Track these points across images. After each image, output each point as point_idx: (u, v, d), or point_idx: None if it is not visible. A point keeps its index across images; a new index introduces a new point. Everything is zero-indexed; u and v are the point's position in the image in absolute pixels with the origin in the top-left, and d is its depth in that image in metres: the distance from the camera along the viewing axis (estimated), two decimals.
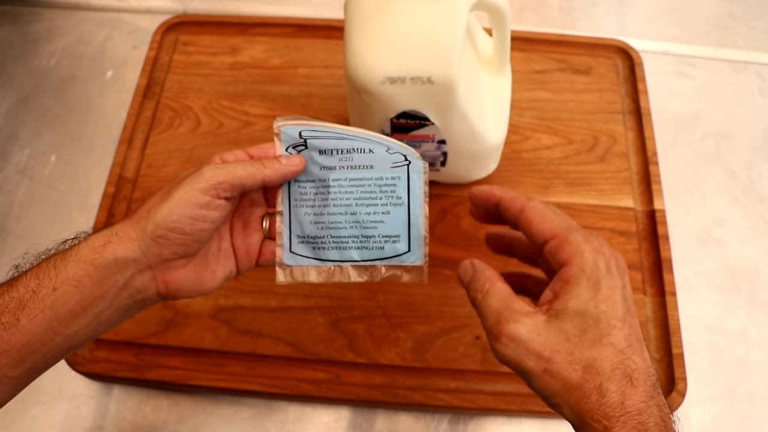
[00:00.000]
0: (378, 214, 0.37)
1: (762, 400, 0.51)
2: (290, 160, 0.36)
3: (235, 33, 0.68)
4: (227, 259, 0.38)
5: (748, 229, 0.58)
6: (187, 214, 0.33)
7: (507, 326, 0.30)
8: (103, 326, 0.34)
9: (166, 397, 0.50)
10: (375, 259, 0.37)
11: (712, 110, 0.65)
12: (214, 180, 0.34)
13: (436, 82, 0.44)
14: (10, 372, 0.31)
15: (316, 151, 0.37)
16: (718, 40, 0.70)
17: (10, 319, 0.31)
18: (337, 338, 0.51)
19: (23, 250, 0.56)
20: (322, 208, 0.37)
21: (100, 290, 0.33)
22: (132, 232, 0.33)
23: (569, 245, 0.31)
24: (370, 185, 0.37)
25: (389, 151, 0.37)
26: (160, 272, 0.34)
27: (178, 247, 0.34)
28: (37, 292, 0.32)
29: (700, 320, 0.54)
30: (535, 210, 0.33)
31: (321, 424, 0.49)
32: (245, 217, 0.39)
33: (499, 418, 0.50)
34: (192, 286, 0.36)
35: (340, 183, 0.37)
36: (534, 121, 0.62)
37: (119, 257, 0.33)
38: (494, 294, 0.32)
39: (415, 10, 0.43)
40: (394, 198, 0.37)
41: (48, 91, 0.67)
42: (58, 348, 0.33)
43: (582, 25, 0.71)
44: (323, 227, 0.37)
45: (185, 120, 0.62)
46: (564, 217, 0.34)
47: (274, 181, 0.36)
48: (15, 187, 0.60)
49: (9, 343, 0.31)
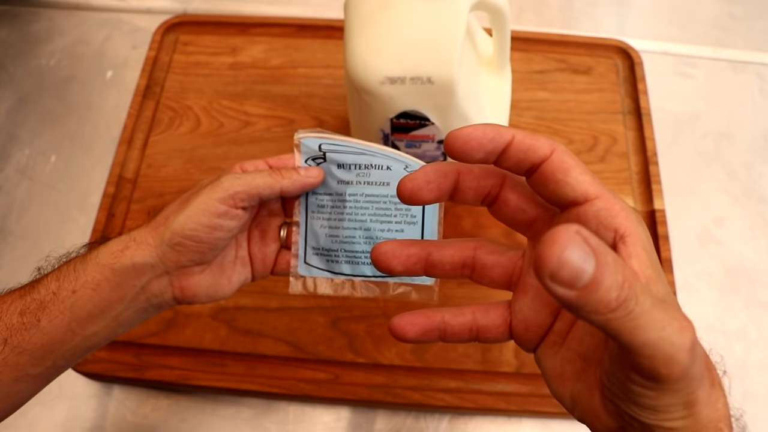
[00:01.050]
0: (392, 231, 0.37)
1: (762, 400, 0.51)
2: (309, 172, 0.36)
3: (235, 33, 0.68)
4: (243, 266, 0.38)
5: (748, 229, 0.58)
6: (205, 222, 0.34)
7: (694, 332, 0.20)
8: (121, 327, 0.35)
9: (166, 397, 0.50)
10: (386, 276, 0.37)
11: (712, 110, 0.65)
12: (232, 190, 0.34)
13: (436, 82, 0.44)
14: (31, 370, 0.32)
15: (335, 165, 0.37)
16: (718, 40, 0.70)
17: (32, 319, 0.32)
18: (337, 338, 0.51)
19: (23, 250, 0.57)
20: (337, 222, 0.37)
21: (117, 294, 0.34)
22: (150, 239, 0.34)
23: (624, 212, 0.23)
24: (386, 202, 0.37)
25: (407, 169, 0.37)
26: (176, 278, 0.35)
27: (195, 255, 0.34)
28: (58, 294, 0.33)
29: (700, 320, 0.54)
30: (571, 156, 0.24)
31: (321, 424, 0.49)
32: (263, 226, 0.39)
33: (499, 417, 0.50)
34: (207, 292, 0.36)
35: (356, 198, 0.37)
36: (534, 121, 0.62)
37: (137, 262, 0.34)
38: (646, 291, 0.19)
39: (415, 10, 0.43)
40: (408, 216, 0.37)
41: (48, 91, 0.67)
42: (77, 348, 0.33)
43: (582, 25, 0.71)
44: (337, 241, 0.38)
45: (185, 120, 0.62)
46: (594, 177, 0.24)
47: (292, 192, 0.36)
48: (15, 187, 0.60)
49: (30, 342, 0.32)
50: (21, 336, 0.32)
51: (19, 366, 0.32)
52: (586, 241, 0.18)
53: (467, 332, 0.28)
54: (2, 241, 0.57)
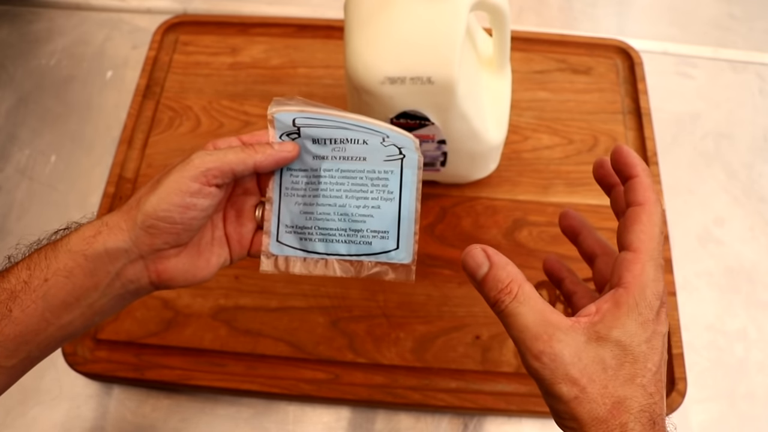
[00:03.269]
0: (368, 208, 0.36)
1: (762, 400, 0.51)
2: (283, 146, 0.36)
3: (235, 33, 0.68)
4: (221, 247, 0.37)
5: (747, 229, 0.58)
6: (177, 202, 0.33)
7: (550, 345, 0.28)
8: (97, 315, 0.34)
9: (166, 397, 0.50)
10: (361, 255, 0.36)
11: (712, 110, 0.65)
12: (204, 167, 0.33)
13: (436, 82, 0.44)
14: (5, 362, 0.31)
15: (310, 140, 0.36)
16: (718, 40, 0.70)
17: (3, 310, 0.31)
18: (337, 338, 0.51)
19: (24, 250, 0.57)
20: (311, 198, 0.36)
21: (91, 281, 0.32)
22: (122, 223, 0.33)
23: (641, 271, 0.29)
24: (362, 178, 0.36)
25: (384, 143, 0.36)
26: (152, 262, 0.34)
27: (169, 236, 0.33)
28: (29, 283, 0.31)
29: (700, 320, 0.54)
30: (650, 214, 0.30)
31: (321, 423, 0.49)
32: (238, 205, 0.38)
33: (498, 417, 0.50)
34: (185, 276, 0.35)
35: (331, 174, 0.36)
36: (534, 121, 0.62)
37: (110, 248, 0.32)
38: (527, 301, 0.29)
39: (415, 10, 0.43)
40: (385, 192, 0.36)
41: (48, 91, 0.67)
42: (52, 338, 0.32)
43: (582, 25, 0.71)
44: (311, 218, 0.36)
45: (185, 120, 0.62)
46: (659, 242, 0.30)
47: (266, 167, 0.35)
48: (15, 187, 0.61)
49: (2, 333, 0.31)
50: None
51: None
52: (485, 253, 0.31)
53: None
54: (2, 240, 0.57)
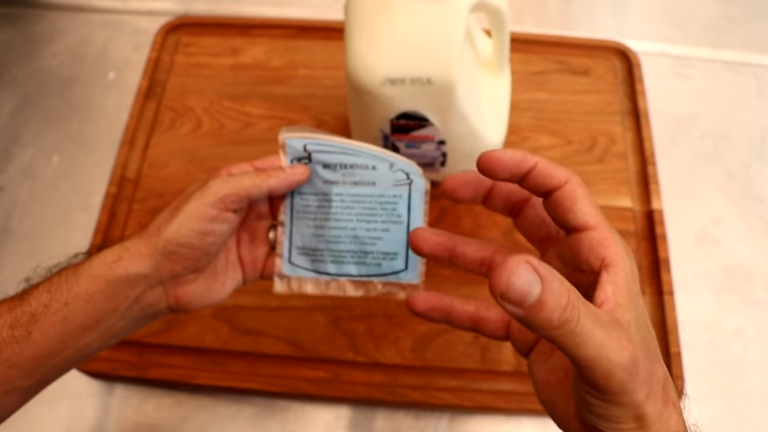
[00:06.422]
0: (377, 231, 0.37)
1: (759, 399, 0.51)
2: (294, 170, 0.37)
3: (236, 34, 0.68)
4: (235, 270, 0.38)
5: (745, 229, 0.59)
6: (197, 228, 0.34)
7: (630, 349, 0.23)
8: (113, 338, 0.35)
9: (167, 396, 0.51)
10: (372, 275, 0.38)
11: (710, 111, 0.65)
12: (222, 193, 0.34)
13: (435, 83, 0.44)
14: (21, 383, 0.32)
15: (320, 165, 0.37)
16: (716, 42, 0.70)
17: (23, 332, 0.32)
18: (337, 337, 0.51)
19: (26, 250, 0.57)
20: (322, 222, 0.38)
21: (111, 305, 0.33)
22: (143, 249, 0.34)
23: (614, 245, 0.26)
24: (371, 202, 0.37)
25: (392, 169, 0.37)
26: (171, 287, 0.35)
27: (189, 262, 0.34)
28: (49, 306, 0.32)
29: (698, 319, 0.54)
30: (582, 188, 0.27)
31: (321, 422, 0.50)
32: (252, 229, 0.39)
33: (498, 416, 0.50)
34: (201, 299, 0.36)
35: (342, 198, 0.37)
36: (533, 121, 0.62)
37: (131, 273, 0.33)
38: (590, 314, 0.23)
39: (415, 11, 0.43)
40: (394, 216, 0.37)
41: (50, 93, 0.67)
42: (68, 359, 0.33)
43: (580, 27, 0.71)
44: (323, 240, 0.38)
45: (187, 121, 0.63)
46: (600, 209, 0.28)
47: (280, 191, 0.37)
48: (18, 188, 0.61)
49: (21, 355, 0.31)
50: (11, 349, 0.31)
51: (8, 380, 0.32)
52: (534, 269, 0.21)
53: (469, 320, 0.31)
54: (5, 241, 0.58)
